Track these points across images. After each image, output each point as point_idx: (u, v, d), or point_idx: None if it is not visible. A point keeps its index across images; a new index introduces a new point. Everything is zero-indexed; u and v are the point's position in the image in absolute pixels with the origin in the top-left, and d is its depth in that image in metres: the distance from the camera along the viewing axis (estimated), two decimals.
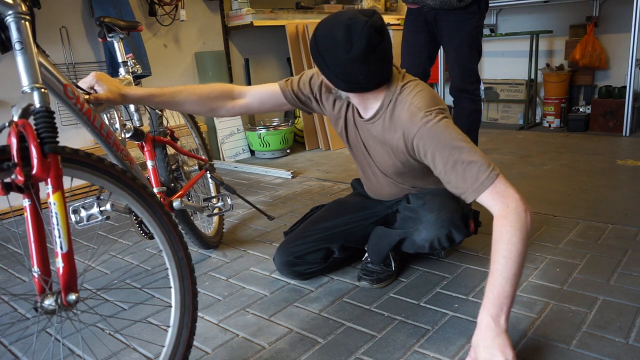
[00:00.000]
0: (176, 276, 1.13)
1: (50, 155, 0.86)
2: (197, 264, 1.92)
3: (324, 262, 1.70)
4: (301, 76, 1.54)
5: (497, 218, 1.17)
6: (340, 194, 2.70)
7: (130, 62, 1.79)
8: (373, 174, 1.62)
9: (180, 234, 1.15)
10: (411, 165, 1.46)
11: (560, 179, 2.73)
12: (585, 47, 3.95)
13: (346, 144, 1.62)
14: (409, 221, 1.51)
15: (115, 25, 1.73)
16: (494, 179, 1.19)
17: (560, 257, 1.77)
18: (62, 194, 0.87)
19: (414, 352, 1.28)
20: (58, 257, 0.88)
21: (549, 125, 4.27)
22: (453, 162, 1.22)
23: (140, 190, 1.06)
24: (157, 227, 1.10)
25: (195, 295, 1.17)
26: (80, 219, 1.31)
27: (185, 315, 1.14)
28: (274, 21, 3.84)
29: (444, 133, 1.26)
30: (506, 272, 1.12)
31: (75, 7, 2.97)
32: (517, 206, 1.16)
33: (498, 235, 1.15)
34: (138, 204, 1.06)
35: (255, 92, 1.52)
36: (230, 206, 1.85)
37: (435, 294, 1.58)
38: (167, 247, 1.12)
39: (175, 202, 1.64)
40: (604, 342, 1.27)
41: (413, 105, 1.32)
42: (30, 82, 0.91)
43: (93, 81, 1.26)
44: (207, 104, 1.46)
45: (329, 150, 3.90)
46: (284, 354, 1.31)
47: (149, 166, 1.64)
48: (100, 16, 1.73)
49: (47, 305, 0.86)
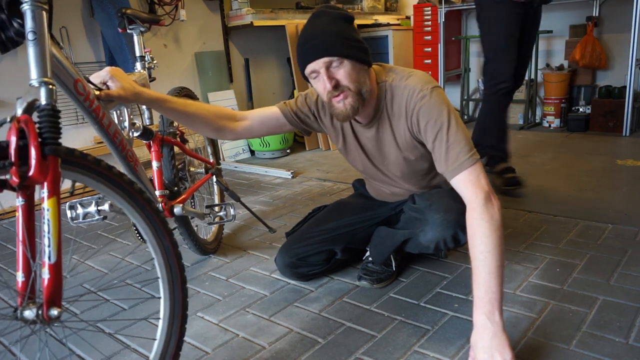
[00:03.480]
0: (167, 286, 1.08)
1: (50, 157, 0.81)
2: (197, 264, 1.92)
3: (326, 263, 1.70)
4: (297, 98, 1.55)
5: (468, 211, 1.22)
6: (341, 194, 2.70)
7: (148, 57, 1.73)
8: (378, 178, 1.62)
9: (175, 243, 1.11)
10: (417, 156, 1.46)
11: (560, 179, 2.73)
12: (585, 47, 3.95)
13: (345, 156, 1.62)
14: (415, 222, 1.52)
15: (137, 18, 1.67)
16: (471, 164, 1.24)
17: (560, 257, 1.77)
18: (57, 199, 0.82)
19: (414, 352, 1.28)
20: (45, 267, 0.82)
21: (549, 125, 4.27)
22: (440, 138, 1.28)
23: (137, 196, 1.02)
24: (153, 238, 1.06)
25: (186, 307, 1.12)
26: (76, 215, 1.24)
27: (174, 324, 1.10)
28: (274, 21, 3.84)
29: (437, 108, 1.30)
30: (487, 266, 1.15)
31: (75, 7, 2.97)
32: (485, 197, 1.20)
33: (471, 231, 1.19)
34: (134, 210, 1.02)
35: (256, 114, 1.52)
36: (232, 217, 1.78)
37: (435, 294, 1.58)
38: (160, 257, 1.07)
39: (177, 207, 1.58)
40: (604, 342, 1.27)
41: (409, 86, 1.36)
42: (40, 76, 0.85)
43: (107, 77, 1.21)
44: (215, 122, 1.44)
45: (329, 150, 3.90)
46: (284, 354, 1.31)
47: (154, 167, 1.58)
48: (121, 7, 1.68)
49: (27, 316, 0.81)
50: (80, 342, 1.42)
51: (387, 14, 4.92)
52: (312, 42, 1.29)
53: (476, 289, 1.16)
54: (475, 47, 4.75)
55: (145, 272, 1.88)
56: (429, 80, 1.37)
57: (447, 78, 4.64)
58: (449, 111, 1.30)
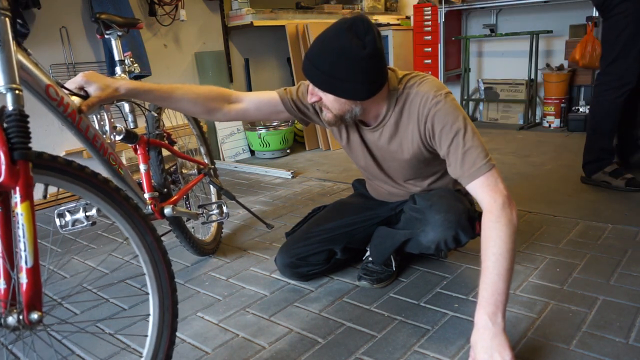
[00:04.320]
0: (154, 282, 1.08)
1: (20, 162, 0.80)
2: (197, 264, 1.92)
3: (326, 263, 1.70)
4: (299, 86, 1.51)
5: (485, 214, 1.20)
6: (341, 194, 2.70)
7: (128, 60, 1.71)
8: (379, 178, 1.62)
9: (159, 238, 1.09)
10: (422, 161, 1.46)
11: (560, 179, 2.73)
12: (585, 47, 3.94)
13: (348, 152, 1.61)
14: (415, 222, 1.52)
15: (113, 22, 1.64)
16: (489, 169, 1.23)
17: (560, 257, 1.77)
18: (30, 204, 0.82)
19: (414, 352, 1.28)
20: (22, 272, 0.81)
21: (549, 125, 4.27)
22: (456, 144, 1.27)
23: (114, 194, 1.01)
24: (134, 235, 1.05)
25: (175, 302, 1.12)
26: (65, 223, 1.25)
27: (164, 320, 1.09)
28: (274, 21, 3.84)
29: (452, 114, 1.29)
30: (497, 268, 1.14)
31: (75, 7, 2.97)
32: (504, 202, 1.19)
33: (487, 232, 1.18)
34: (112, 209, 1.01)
35: (253, 98, 1.49)
36: (226, 215, 1.77)
37: (435, 294, 1.58)
38: (145, 253, 1.07)
39: (167, 208, 1.56)
40: (604, 342, 1.27)
41: (422, 92, 1.35)
42: (6, 83, 0.85)
43: (82, 81, 1.19)
44: (204, 104, 1.41)
45: (329, 150, 3.90)
46: (284, 354, 1.31)
47: (141, 170, 1.55)
48: (97, 12, 1.62)
49: (10, 322, 0.82)
50: (81, 342, 1.42)
51: (387, 14, 4.92)
52: (307, 57, 1.28)
53: (482, 289, 1.15)
54: (475, 47, 4.75)
55: None
56: (442, 87, 1.36)
57: (447, 78, 4.64)
58: (464, 117, 1.29)
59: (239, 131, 3.83)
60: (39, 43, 2.81)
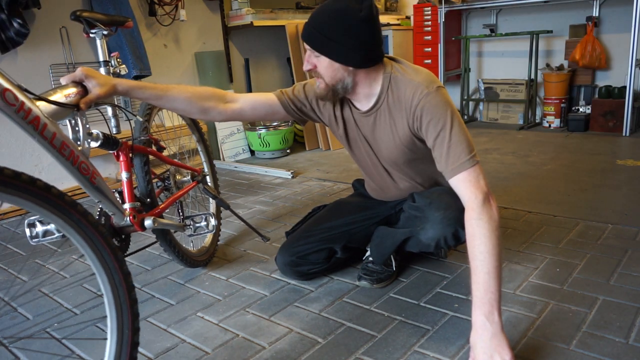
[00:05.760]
0: (113, 306, 1.01)
1: None
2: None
3: (326, 262, 1.70)
4: (294, 86, 1.56)
5: (467, 211, 1.23)
6: (340, 194, 2.70)
7: (114, 61, 1.62)
8: (378, 172, 1.62)
9: (121, 259, 1.02)
10: (415, 150, 1.47)
11: (560, 179, 2.73)
12: (585, 47, 3.95)
13: (347, 146, 1.62)
14: (415, 220, 1.52)
15: (97, 20, 1.54)
16: (472, 165, 1.25)
17: (560, 257, 1.77)
18: None
19: (414, 352, 1.28)
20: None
21: (549, 125, 4.27)
22: (442, 138, 1.29)
23: (69, 209, 0.93)
24: (92, 254, 0.98)
25: (136, 330, 1.05)
26: (36, 234, 1.19)
27: (122, 348, 1.03)
28: (274, 21, 3.84)
29: (440, 108, 1.31)
30: (486, 266, 1.15)
31: (75, 7, 2.96)
32: (484, 198, 1.21)
33: (470, 230, 1.20)
34: (66, 225, 0.94)
35: (249, 98, 1.52)
36: (213, 227, 1.68)
37: (435, 294, 1.58)
38: (104, 274, 1.00)
39: (147, 220, 1.44)
40: (604, 342, 1.27)
41: (414, 82, 1.36)
42: None
43: (82, 75, 1.19)
44: (198, 103, 1.42)
45: (329, 150, 3.90)
46: (284, 354, 1.31)
47: (123, 178, 1.43)
48: (76, 10, 1.53)
49: None
50: (80, 342, 1.42)
51: (387, 14, 4.92)
52: (307, 20, 1.35)
53: (475, 289, 1.17)
54: (475, 47, 4.75)
55: (145, 272, 1.88)
56: (434, 80, 1.37)
57: (447, 78, 4.64)
58: (452, 111, 1.31)
59: (239, 131, 3.83)
60: (39, 43, 2.81)
